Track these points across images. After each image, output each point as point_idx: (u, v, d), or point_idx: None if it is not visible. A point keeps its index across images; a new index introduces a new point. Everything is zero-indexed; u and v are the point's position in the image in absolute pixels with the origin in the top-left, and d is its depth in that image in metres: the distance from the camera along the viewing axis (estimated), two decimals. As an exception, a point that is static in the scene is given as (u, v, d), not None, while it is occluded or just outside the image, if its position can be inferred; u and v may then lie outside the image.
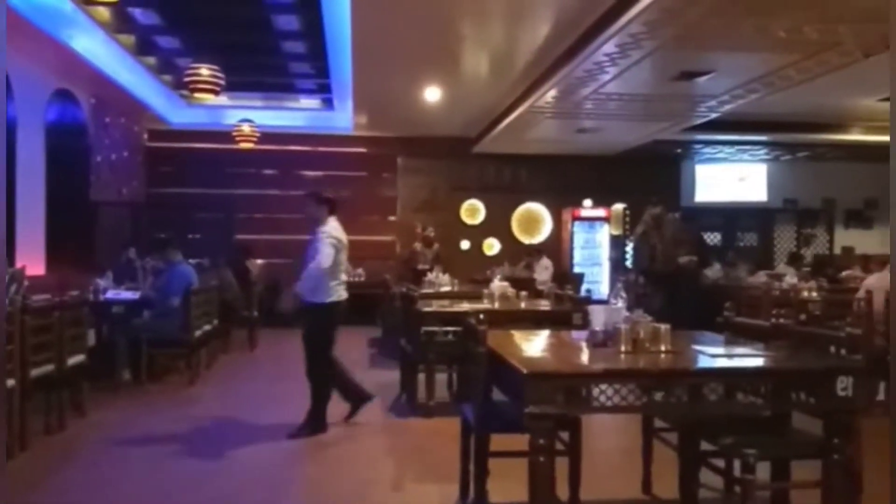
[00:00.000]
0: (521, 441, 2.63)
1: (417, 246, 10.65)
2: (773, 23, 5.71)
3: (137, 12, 7.93)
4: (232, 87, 9.36)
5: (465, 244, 12.70)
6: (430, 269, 8.77)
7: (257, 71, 9.96)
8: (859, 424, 2.76)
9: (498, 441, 3.12)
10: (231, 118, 10.51)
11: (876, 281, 6.12)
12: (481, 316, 3.07)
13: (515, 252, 12.28)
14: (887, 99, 10.33)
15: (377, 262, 12.12)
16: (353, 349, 9.13)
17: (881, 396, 5.65)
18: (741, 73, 7.47)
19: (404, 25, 6.84)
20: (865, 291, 5.95)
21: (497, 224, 12.99)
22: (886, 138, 10.98)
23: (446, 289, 7.66)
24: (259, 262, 10.85)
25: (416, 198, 12.77)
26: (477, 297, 6.24)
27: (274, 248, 11.84)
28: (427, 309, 5.56)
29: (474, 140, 12.05)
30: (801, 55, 6.58)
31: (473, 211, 13.02)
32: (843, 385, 2.65)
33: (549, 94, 8.23)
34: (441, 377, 5.75)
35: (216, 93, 7.43)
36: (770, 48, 6.39)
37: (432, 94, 9.38)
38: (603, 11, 5.96)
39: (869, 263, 9.96)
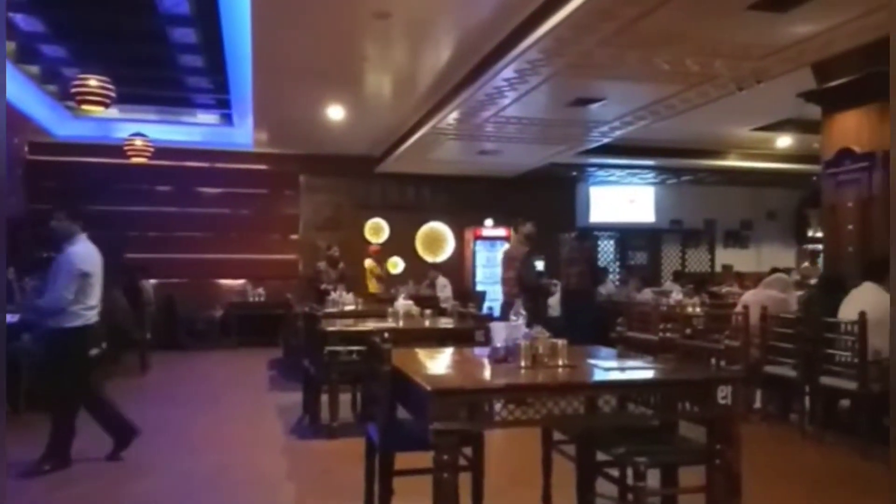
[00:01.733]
0: (424, 458, 2.66)
1: (321, 265, 10.51)
2: (657, 55, 6.11)
3: (19, 18, 7.44)
4: (123, 99, 8.94)
5: (369, 262, 12.63)
6: (334, 289, 8.67)
7: (151, 84, 9.56)
8: (738, 431, 2.95)
9: (402, 459, 3.14)
10: (122, 132, 10.01)
11: (752, 296, 6.56)
12: (385, 334, 3.08)
13: (419, 270, 12.37)
14: (758, 129, 11.26)
15: (279, 281, 11.89)
16: (253, 371, 8.91)
17: (758, 404, 6.11)
18: (630, 102, 7.94)
19: (306, 43, 6.80)
20: (742, 306, 6.38)
21: (401, 243, 13.01)
22: (759, 164, 11.87)
23: (350, 308, 7.61)
24: (152, 281, 10.37)
25: (320, 216, 12.63)
26: (381, 316, 6.24)
27: (170, 267, 11.37)
28: (331, 328, 5.50)
29: (378, 159, 12.08)
30: (683, 86, 7.09)
31: (377, 229, 13.00)
32: (724, 394, 2.81)
33: (451, 116, 8.40)
34: (345, 397, 5.70)
35: (106, 105, 7.10)
36: (655, 79, 6.83)
37: (335, 112, 9.35)
38: (502, 38, 6.17)
39: (744, 280, 10.75)
